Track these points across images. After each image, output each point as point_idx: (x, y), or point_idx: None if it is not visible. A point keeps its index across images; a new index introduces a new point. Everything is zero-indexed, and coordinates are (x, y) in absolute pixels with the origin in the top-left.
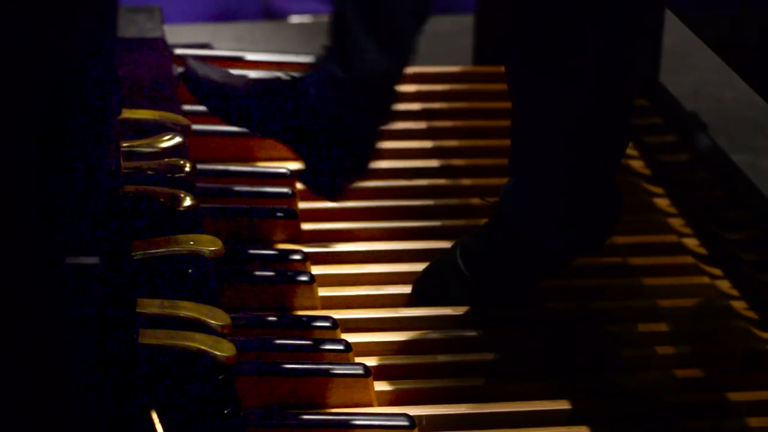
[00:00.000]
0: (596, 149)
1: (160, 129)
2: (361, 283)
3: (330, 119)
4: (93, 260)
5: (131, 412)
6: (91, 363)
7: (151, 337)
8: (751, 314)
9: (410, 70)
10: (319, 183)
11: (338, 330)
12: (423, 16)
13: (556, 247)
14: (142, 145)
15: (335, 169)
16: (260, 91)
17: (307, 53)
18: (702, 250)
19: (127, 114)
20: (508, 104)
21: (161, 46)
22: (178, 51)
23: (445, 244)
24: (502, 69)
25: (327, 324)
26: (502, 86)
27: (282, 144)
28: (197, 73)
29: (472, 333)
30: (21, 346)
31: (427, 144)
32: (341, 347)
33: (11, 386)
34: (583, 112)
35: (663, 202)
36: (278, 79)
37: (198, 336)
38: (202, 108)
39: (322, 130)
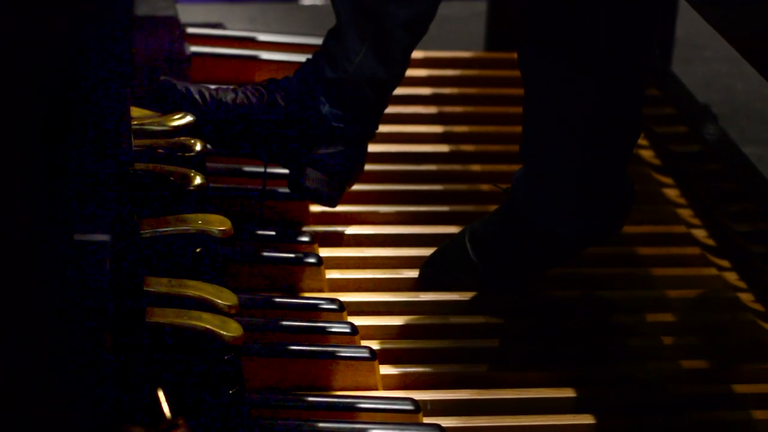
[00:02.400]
0: (608, 139)
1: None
2: (368, 267)
3: (317, 116)
4: (103, 237)
5: (137, 390)
6: (98, 340)
7: (158, 316)
8: (758, 306)
9: (422, 54)
10: (307, 187)
11: (344, 313)
12: (417, 31)
13: (566, 236)
14: (152, 123)
15: (322, 172)
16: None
17: (318, 35)
18: (710, 242)
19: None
20: (519, 91)
21: (174, 25)
22: (191, 30)
23: (453, 230)
24: (514, 55)
25: (333, 306)
26: (513, 72)
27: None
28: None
29: (479, 319)
30: (29, 323)
31: (437, 129)
32: (347, 330)
33: (18, 362)
34: (596, 101)
35: (672, 193)
36: (265, 83)
37: (205, 315)
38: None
39: (310, 127)
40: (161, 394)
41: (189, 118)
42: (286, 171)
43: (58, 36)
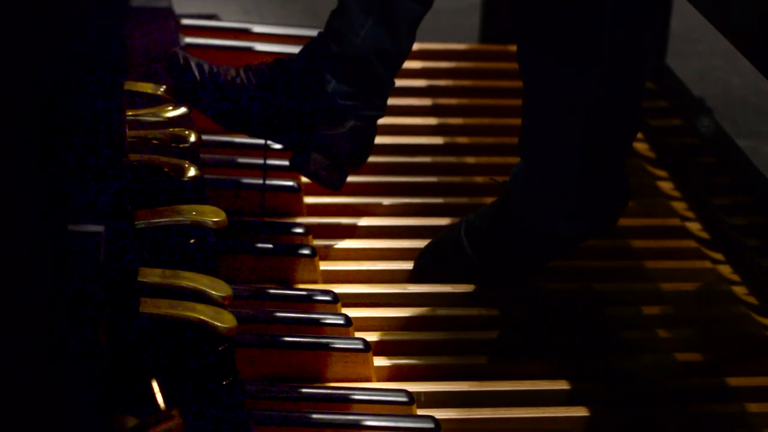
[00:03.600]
0: (607, 135)
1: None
2: (362, 258)
3: (325, 92)
4: (98, 228)
5: (131, 380)
6: (92, 331)
7: (152, 307)
8: (752, 299)
9: (416, 46)
10: (312, 169)
11: (339, 304)
12: (425, 1)
13: (563, 231)
14: (147, 114)
15: (328, 156)
16: (248, 79)
17: (312, 27)
18: (704, 235)
19: (129, 86)
20: (513, 83)
21: (168, 16)
22: (186, 21)
23: (447, 222)
24: (509, 47)
25: (328, 298)
26: (508, 65)
27: (269, 137)
28: (181, 63)
29: (473, 311)
30: (23, 313)
31: (431, 121)
32: (341, 321)
33: (11, 352)
34: (596, 98)
35: (667, 186)
36: (266, 64)
37: (199, 306)
38: None
39: (317, 104)
40: (155, 385)
41: (183, 110)
42: (281, 162)
43: (52, 29)
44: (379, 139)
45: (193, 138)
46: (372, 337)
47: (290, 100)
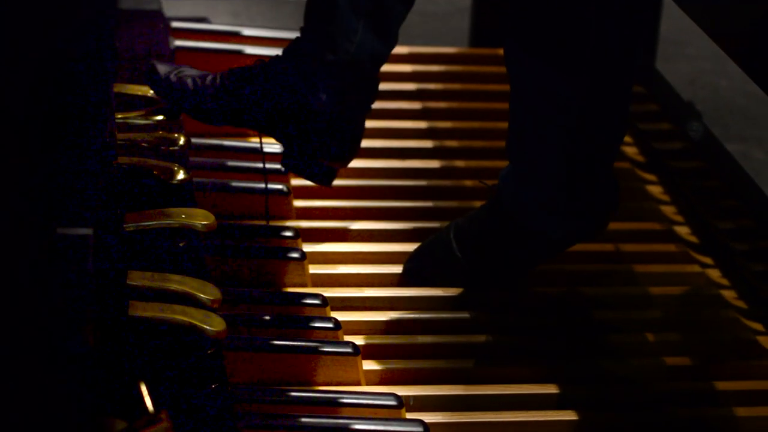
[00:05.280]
0: (595, 138)
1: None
2: (351, 262)
3: (316, 102)
4: (86, 231)
5: (120, 384)
6: (81, 334)
7: (140, 310)
8: (740, 303)
9: (406, 49)
10: (302, 167)
11: (328, 308)
12: (410, 1)
13: (552, 234)
14: (136, 117)
15: (318, 154)
16: (232, 84)
17: None
18: (693, 239)
19: (119, 88)
20: (504, 87)
21: (158, 19)
22: (175, 24)
23: (436, 225)
24: (499, 51)
25: (317, 301)
26: (497, 68)
27: (260, 133)
28: (159, 72)
29: (462, 315)
30: (11, 316)
31: (421, 124)
32: (330, 325)
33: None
34: (583, 101)
35: (656, 190)
36: (248, 68)
37: (188, 310)
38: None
39: (304, 114)
40: (143, 388)
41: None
42: (270, 165)
43: (39, 33)
44: (368, 143)
45: (182, 141)
46: (361, 340)
47: (278, 100)
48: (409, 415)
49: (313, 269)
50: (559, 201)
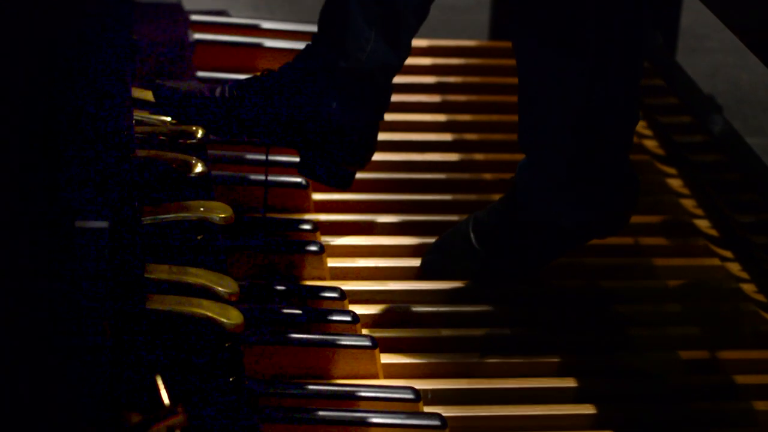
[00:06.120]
0: (604, 126)
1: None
2: (370, 255)
3: (327, 110)
4: (102, 224)
5: (136, 377)
6: (99, 326)
7: (158, 303)
8: (760, 297)
9: (426, 42)
10: (318, 173)
11: (346, 301)
12: (424, 14)
13: (567, 226)
14: (153, 120)
15: (332, 161)
16: (242, 96)
17: None
18: (713, 232)
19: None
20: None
21: (178, 12)
22: (195, 17)
23: (455, 218)
24: None
25: (335, 295)
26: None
27: (272, 143)
28: (167, 88)
29: (480, 308)
30: (30, 308)
31: (440, 118)
32: (348, 318)
33: (18, 348)
34: (590, 87)
35: (676, 183)
36: (255, 78)
37: (206, 303)
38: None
39: (317, 122)
40: (160, 381)
41: None
42: (288, 158)
43: (59, 28)
44: (387, 136)
45: (200, 134)
46: (379, 334)
47: (289, 109)
48: (426, 409)
49: (332, 262)
50: (569, 190)
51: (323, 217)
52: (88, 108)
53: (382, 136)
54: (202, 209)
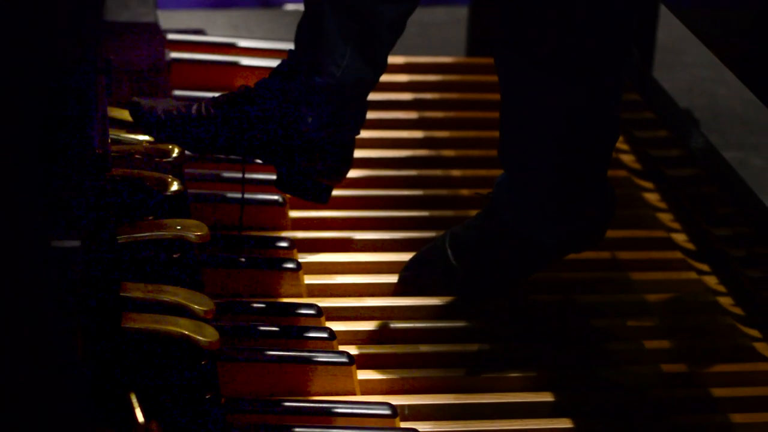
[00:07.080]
0: (586, 143)
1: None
2: (347, 272)
3: (303, 125)
4: (74, 243)
5: (111, 394)
6: (73, 346)
7: (134, 321)
8: (737, 310)
9: (403, 59)
10: (295, 187)
11: (323, 318)
12: (400, 30)
13: (544, 240)
14: (128, 133)
15: (309, 175)
16: (220, 113)
17: None
18: (690, 246)
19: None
20: (499, 96)
21: (154, 31)
22: (171, 36)
23: (433, 235)
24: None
25: (312, 311)
26: (494, 77)
27: (248, 159)
28: (143, 106)
29: (458, 323)
30: (3, 327)
31: (417, 134)
32: (325, 335)
33: None
34: (572, 105)
35: (653, 197)
36: (232, 94)
37: (181, 321)
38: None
39: (293, 137)
40: (134, 399)
41: None
42: (265, 176)
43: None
44: (365, 153)
45: (176, 152)
46: (356, 350)
47: (265, 125)
48: (403, 425)
49: (309, 279)
50: (549, 206)
51: (300, 234)
52: (63, 127)
53: (359, 153)
54: (178, 227)
